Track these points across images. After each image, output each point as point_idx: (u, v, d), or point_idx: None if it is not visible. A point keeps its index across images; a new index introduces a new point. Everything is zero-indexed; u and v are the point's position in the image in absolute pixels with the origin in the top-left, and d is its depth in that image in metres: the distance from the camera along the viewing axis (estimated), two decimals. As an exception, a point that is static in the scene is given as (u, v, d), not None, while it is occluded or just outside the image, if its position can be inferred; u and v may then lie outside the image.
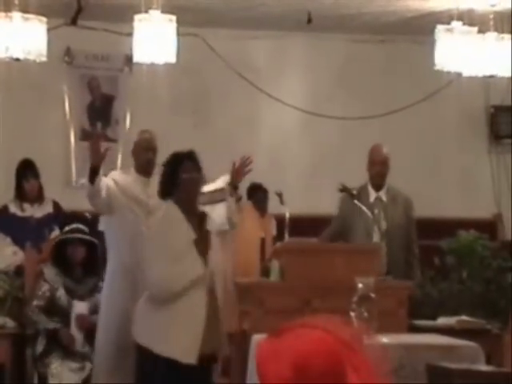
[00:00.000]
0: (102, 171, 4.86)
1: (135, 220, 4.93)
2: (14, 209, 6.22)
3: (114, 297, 5.02)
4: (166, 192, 4.39)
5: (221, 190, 4.77)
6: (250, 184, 7.13)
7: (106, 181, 4.99)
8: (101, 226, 5.46)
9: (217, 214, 4.65)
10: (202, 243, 4.32)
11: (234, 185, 4.76)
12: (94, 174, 4.79)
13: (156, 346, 4.16)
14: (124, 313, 4.85)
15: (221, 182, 4.85)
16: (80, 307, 5.35)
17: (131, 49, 6.12)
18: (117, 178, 5.08)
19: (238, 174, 4.78)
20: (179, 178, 4.33)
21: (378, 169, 5.92)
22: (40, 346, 5.37)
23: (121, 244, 5.02)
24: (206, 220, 4.46)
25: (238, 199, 4.79)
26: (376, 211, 5.72)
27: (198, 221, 4.39)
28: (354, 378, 1.65)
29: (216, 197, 4.79)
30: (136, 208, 4.96)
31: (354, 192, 5.78)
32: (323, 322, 1.72)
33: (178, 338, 4.16)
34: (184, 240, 4.27)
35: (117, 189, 4.99)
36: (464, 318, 5.59)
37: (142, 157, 5.08)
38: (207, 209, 4.73)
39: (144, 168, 5.07)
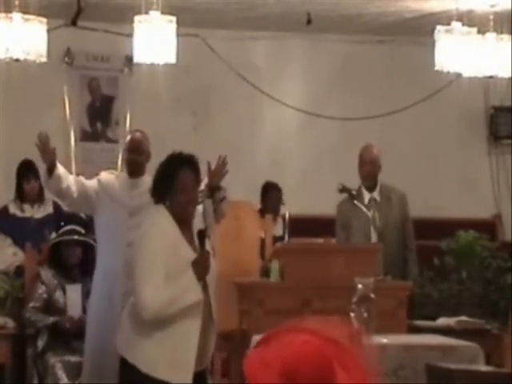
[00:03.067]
0: (61, 171, 4.79)
1: (115, 221, 4.86)
2: (14, 209, 6.23)
3: (93, 303, 4.98)
4: (158, 195, 4.05)
5: (201, 192, 4.68)
6: (265, 183, 7.12)
7: (87, 181, 4.95)
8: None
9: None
10: (202, 265, 3.94)
11: (211, 186, 4.53)
12: (50, 175, 4.73)
13: (144, 366, 3.88)
14: (100, 321, 4.83)
15: (202, 184, 4.79)
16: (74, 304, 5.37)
17: (131, 49, 6.13)
18: (103, 178, 5.03)
19: (214, 174, 4.57)
20: (176, 183, 3.97)
21: (368, 168, 5.94)
22: (41, 343, 5.39)
23: (101, 247, 4.97)
24: (206, 239, 4.09)
25: (221, 200, 4.56)
26: (371, 212, 5.74)
27: (199, 240, 4.01)
28: (345, 378, 1.66)
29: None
30: (117, 209, 4.89)
31: (354, 192, 5.79)
32: (311, 325, 1.72)
33: (171, 362, 3.89)
34: (181, 258, 3.92)
35: (100, 189, 4.93)
36: (464, 318, 5.60)
37: (127, 157, 5.04)
38: None
39: (128, 169, 5.02)
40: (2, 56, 5.90)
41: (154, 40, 5.95)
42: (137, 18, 5.98)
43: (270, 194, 6.96)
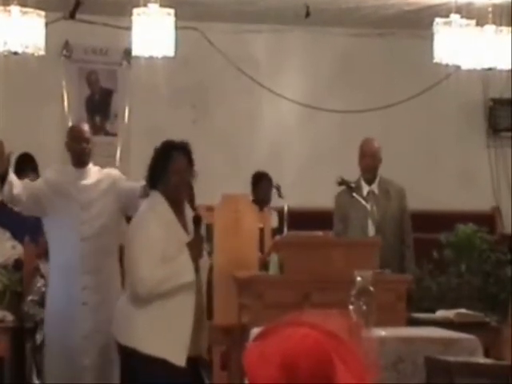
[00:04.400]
0: (12, 176, 4.78)
1: (67, 216, 4.84)
2: (12, 203, 6.22)
3: (51, 301, 4.97)
4: (153, 180, 4.16)
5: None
6: (255, 172, 7.11)
7: (34, 184, 4.94)
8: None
9: None
10: (196, 248, 4.10)
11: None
12: (2, 181, 4.71)
13: (144, 347, 3.99)
14: (60, 317, 4.85)
15: None
16: None
17: (130, 42, 6.11)
18: (48, 176, 5.02)
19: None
20: (169, 167, 4.11)
21: (369, 161, 5.94)
22: (40, 336, 5.39)
23: (54, 244, 4.96)
24: (201, 224, 4.29)
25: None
26: (370, 205, 5.73)
27: (194, 224, 4.17)
28: (344, 372, 1.65)
29: None
30: (68, 204, 4.88)
31: (353, 185, 5.79)
32: (309, 318, 1.73)
33: (167, 340, 4.00)
34: (176, 241, 4.07)
35: (47, 188, 4.91)
36: (463, 311, 5.59)
37: (73, 147, 5.00)
38: None
39: (76, 159, 4.99)
40: (0, 49, 5.88)
41: (153, 33, 5.94)
42: (135, 11, 5.96)
43: (261, 184, 6.94)
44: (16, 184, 4.81)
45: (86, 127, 5.15)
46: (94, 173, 5.04)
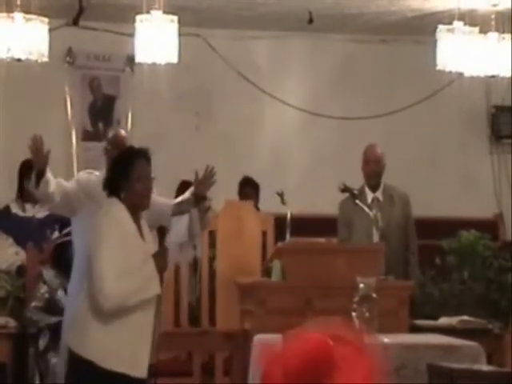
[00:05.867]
0: (49, 174, 4.73)
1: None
2: (15, 209, 6.22)
3: (71, 303, 4.78)
4: (113, 187, 4.05)
5: (187, 201, 4.64)
6: (242, 178, 7.10)
7: (67, 184, 4.88)
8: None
9: (180, 225, 4.48)
10: (162, 260, 3.99)
11: (198, 195, 4.56)
12: (39, 178, 4.66)
13: (102, 360, 3.86)
14: None
15: (188, 193, 4.76)
16: None
17: (133, 49, 6.13)
18: (81, 178, 4.97)
19: (201, 184, 4.59)
20: (132, 173, 3.99)
21: (373, 167, 5.95)
22: (43, 342, 5.39)
23: (79, 248, 4.87)
24: (166, 236, 4.22)
25: (207, 209, 4.57)
26: (374, 212, 5.74)
27: (159, 235, 4.13)
28: (348, 377, 1.68)
29: (182, 208, 4.63)
30: (96, 209, 4.66)
31: (356, 192, 5.80)
32: (322, 327, 1.75)
33: (129, 354, 3.91)
34: (137, 250, 3.95)
35: (79, 189, 4.86)
36: (465, 317, 5.59)
37: (112, 153, 4.86)
38: (173, 220, 4.57)
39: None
40: (4, 56, 5.90)
41: (156, 39, 5.95)
42: (138, 18, 5.98)
43: (245, 190, 6.92)
44: (52, 182, 4.77)
45: (125, 134, 5.15)
46: None
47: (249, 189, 6.89)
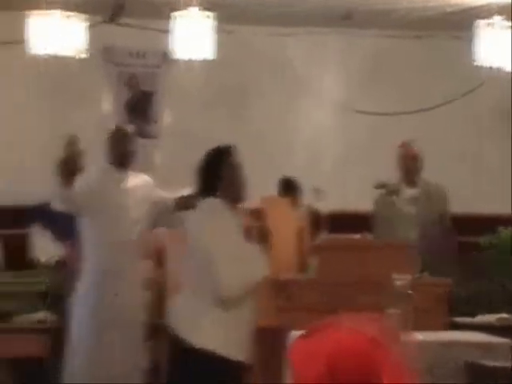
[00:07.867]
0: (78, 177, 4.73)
1: (105, 220, 4.79)
2: (55, 205, 6.28)
3: (80, 301, 4.83)
4: (207, 188, 4.12)
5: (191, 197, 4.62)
6: (282, 179, 7.07)
7: (79, 182, 4.84)
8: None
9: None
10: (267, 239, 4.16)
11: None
12: (69, 178, 4.66)
13: (211, 345, 3.95)
14: (92, 321, 4.76)
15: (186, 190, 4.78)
16: None
17: (169, 46, 6.16)
18: (89, 178, 4.90)
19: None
20: (224, 173, 4.10)
21: (409, 164, 5.92)
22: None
23: (90, 246, 4.86)
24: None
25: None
26: (411, 208, 5.71)
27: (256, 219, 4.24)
28: (383, 375, 1.68)
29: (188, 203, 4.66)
30: (104, 205, 4.82)
31: (392, 188, 5.78)
32: (348, 322, 1.76)
33: (243, 340, 4.04)
34: (237, 244, 4.05)
35: (88, 190, 4.82)
36: (504, 315, 5.54)
37: (119, 148, 4.91)
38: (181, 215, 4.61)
39: (120, 160, 4.92)
40: (42, 52, 5.97)
41: (192, 36, 5.98)
42: (175, 14, 6.01)
43: (285, 193, 6.81)
44: (76, 186, 4.75)
45: (130, 128, 5.13)
46: (132, 177, 5.04)
47: (288, 191, 6.86)
